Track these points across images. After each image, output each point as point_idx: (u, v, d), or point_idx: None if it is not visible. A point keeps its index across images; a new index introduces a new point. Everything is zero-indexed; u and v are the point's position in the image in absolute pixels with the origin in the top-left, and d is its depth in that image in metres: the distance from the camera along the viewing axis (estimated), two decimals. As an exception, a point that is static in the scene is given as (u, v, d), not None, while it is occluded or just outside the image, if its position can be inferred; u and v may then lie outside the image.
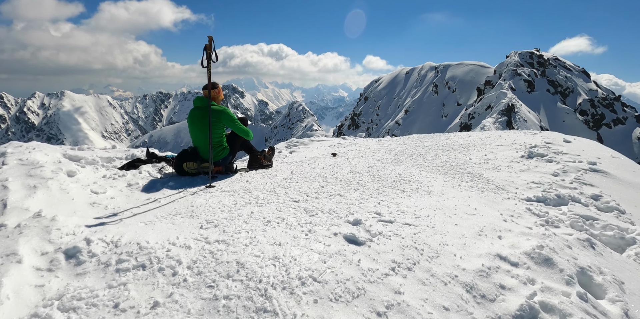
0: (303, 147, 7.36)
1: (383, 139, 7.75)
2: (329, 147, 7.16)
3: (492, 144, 6.05)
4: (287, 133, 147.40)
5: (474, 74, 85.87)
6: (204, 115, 4.05)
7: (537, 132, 6.76)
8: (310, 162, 5.51)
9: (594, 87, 79.81)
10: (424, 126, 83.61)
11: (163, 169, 4.21)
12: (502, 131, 7.33)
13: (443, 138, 7.14)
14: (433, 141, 7.00)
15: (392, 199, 3.38)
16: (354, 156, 5.98)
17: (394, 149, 6.49)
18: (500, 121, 51.19)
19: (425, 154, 5.84)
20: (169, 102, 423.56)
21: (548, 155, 5.17)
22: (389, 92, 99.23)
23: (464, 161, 5.18)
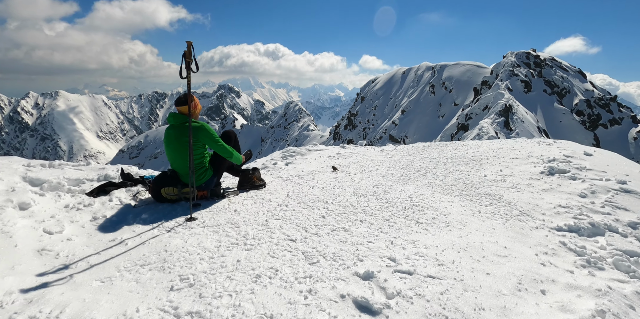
0: (300, 157, 6.83)
1: (386, 149, 7.23)
2: (328, 158, 6.64)
3: (506, 156, 5.55)
4: (283, 133, 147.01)
5: (470, 74, 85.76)
6: (182, 134, 3.50)
7: (552, 142, 6.28)
8: (309, 179, 4.99)
9: (590, 88, 79.91)
10: (421, 126, 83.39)
11: (138, 194, 3.65)
12: (514, 140, 6.84)
13: (451, 148, 6.63)
14: (440, 151, 6.49)
15: (407, 235, 2.86)
16: (356, 171, 5.46)
17: (399, 162, 5.98)
18: (497, 121, 50.92)
19: (434, 168, 5.33)
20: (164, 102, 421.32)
21: (570, 171, 4.68)
22: (386, 92, 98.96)
23: (479, 178, 4.68)
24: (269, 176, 5.53)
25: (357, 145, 7.95)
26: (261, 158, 7.66)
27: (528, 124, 53.24)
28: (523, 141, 6.78)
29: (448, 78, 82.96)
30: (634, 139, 73.15)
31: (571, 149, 5.54)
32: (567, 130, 66.76)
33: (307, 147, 7.52)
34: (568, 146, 5.90)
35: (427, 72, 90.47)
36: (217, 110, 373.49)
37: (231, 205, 3.59)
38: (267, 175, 5.63)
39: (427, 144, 7.41)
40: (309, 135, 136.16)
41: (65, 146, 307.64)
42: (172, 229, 2.93)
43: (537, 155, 5.44)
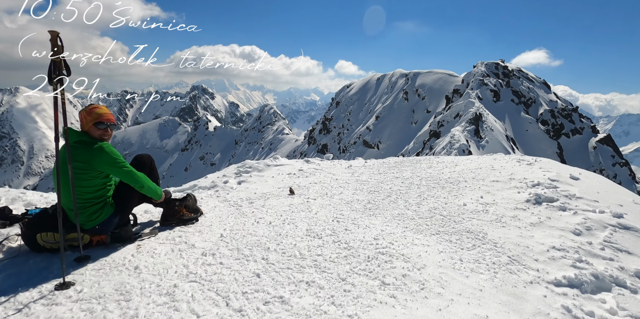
0: (256, 175, 5.96)
1: (353, 165, 6.48)
2: (288, 176, 5.81)
3: (486, 179, 4.93)
4: (257, 136, 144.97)
5: (442, 82, 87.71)
6: (73, 156, 2.58)
7: (532, 160, 5.75)
8: (258, 207, 4.13)
9: (554, 99, 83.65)
10: (395, 132, 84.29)
11: (7, 241, 2.66)
12: (492, 157, 6.28)
13: (425, 166, 5.97)
14: (413, 170, 5.82)
15: (367, 312, 2.06)
16: (317, 194, 4.65)
17: (367, 182, 5.23)
18: (468, 129, 51.77)
19: (406, 192, 4.61)
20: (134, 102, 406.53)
21: (559, 199, 4.09)
22: (360, 97, 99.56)
23: (458, 207, 3.99)
24: (214, 200, 4.63)
25: (323, 159, 7.16)
26: (213, 173, 6.72)
27: (497, 133, 54.63)
28: (502, 158, 6.22)
29: (421, 85, 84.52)
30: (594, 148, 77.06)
31: (555, 171, 4.99)
32: (533, 139, 69.28)
33: (267, 162, 6.66)
34: (550, 166, 5.36)
35: (401, 79, 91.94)
36: (189, 111, 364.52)
37: (136, 256, 2.65)
38: (212, 198, 4.73)
39: (399, 159, 6.74)
40: (284, 139, 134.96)
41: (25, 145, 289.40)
42: (26, 306, 1.99)
43: (520, 177, 4.85)
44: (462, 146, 41.47)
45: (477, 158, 6.27)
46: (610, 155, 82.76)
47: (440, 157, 6.66)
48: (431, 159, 6.40)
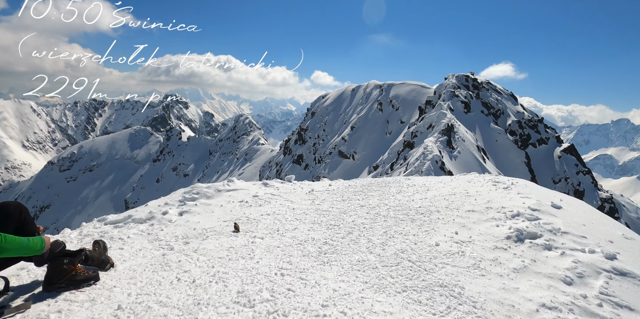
0: (203, 202, 5.17)
1: (316, 189, 5.80)
2: (240, 203, 5.06)
3: (461, 208, 4.38)
4: (232, 147, 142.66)
5: (415, 93, 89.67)
6: None
7: (509, 183, 5.27)
8: (188, 253, 3.35)
9: (521, 110, 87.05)
10: (370, 143, 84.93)
11: None
12: (467, 180, 5.76)
13: (394, 190, 5.38)
14: (381, 195, 5.21)
15: None
16: (266, 231, 3.93)
17: (328, 212, 4.56)
18: (441, 140, 52.58)
19: (370, 227, 3.97)
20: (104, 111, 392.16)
21: (543, 235, 3.56)
22: (336, 108, 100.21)
23: (429, 249, 3.37)
24: (143, 240, 3.81)
25: (284, 181, 6.45)
26: (155, 201, 5.85)
27: (468, 143, 55.78)
28: (477, 180, 5.73)
29: (395, 96, 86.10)
30: (559, 157, 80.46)
31: (535, 198, 4.50)
32: (502, 149, 71.44)
33: (219, 186, 5.87)
34: (529, 191, 4.89)
35: (376, 90, 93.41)
36: (162, 121, 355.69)
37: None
38: (142, 237, 3.91)
39: (367, 182, 6.12)
40: (259, 149, 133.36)
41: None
42: None
43: (497, 206, 4.32)
44: (435, 157, 42.06)
45: (451, 180, 5.75)
46: (574, 164, 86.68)
47: (412, 179, 6.11)
48: (401, 182, 5.83)
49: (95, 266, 2.95)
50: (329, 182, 6.40)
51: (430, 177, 6.41)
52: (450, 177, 6.08)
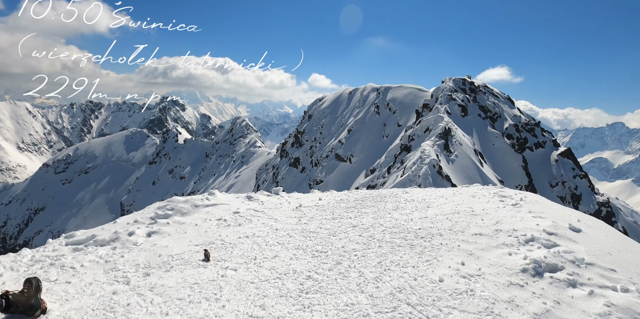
0: (176, 221, 4.60)
1: (304, 204, 5.24)
2: (217, 223, 4.50)
3: (466, 230, 3.85)
4: (229, 149, 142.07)
5: (412, 96, 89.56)
6: None
7: (518, 199, 4.75)
8: (143, 291, 2.77)
9: (518, 113, 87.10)
10: (367, 146, 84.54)
11: None
12: (471, 194, 5.23)
13: (390, 207, 4.84)
14: (376, 212, 4.67)
15: None
16: (241, 260, 3.37)
17: (316, 235, 4.01)
18: (438, 144, 51.98)
19: (363, 255, 3.42)
20: (100, 113, 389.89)
21: (565, 268, 3.03)
22: (333, 111, 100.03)
23: (432, 287, 2.83)
24: (97, 269, 3.25)
25: (270, 194, 5.88)
26: (125, 217, 5.27)
27: (466, 147, 55.48)
28: (481, 194, 5.20)
29: (392, 100, 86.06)
30: (555, 161, 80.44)
31: (550, 218, 3.97)
32: (499, 152, 71.25)
33: (197, 201, 5.30)
34: (541, 209, 4.37)
35: (373, 93, 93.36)
36: (159, 123, 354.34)
37: None
38: (97, 266, 3.35)
39: (360, 195, 5.58)
40: (256, 152, 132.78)
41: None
42: None
43: (508, 228, 3.79)
44: (433, 161, 41.63)
45: (453, 194, 5.22)
46: (570, 167, 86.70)
47: (410, 192, 5.57)
48: (398, 197, 5.28)
49: (22, 314, 2.39)
50: (319, 195, 5.85)
51: (429, 189, 5.87)
52: (452, 190, 5.55)
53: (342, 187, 59.46)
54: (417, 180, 30.91)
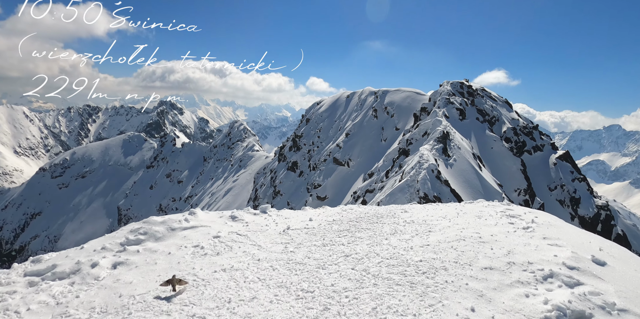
0: (149, 248, 4.11)
1: (293, 226, 4.76)
2: (193, 250, 4.01)
3: (474, 263, 3.38)
4: (227, 153, 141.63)
5: (410, 100, 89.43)
6: None
7: (529, 221, 4.28)
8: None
9: (516, 117, 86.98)
10: (365, 150, 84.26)
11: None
12: (477, 215, 4.76)
13: (387, 231, 4.36)
14: (372, 238, 4.19)
15: None
16: (211, 304, 2.87)
17: (303, 267, 3.52)
18: (436, 148, 51.55)
19: (355, 297, 2.94)
20: (97, 117, 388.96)
21: (594, 316, 2.57)
22: (330, 114, 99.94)
23: (437, 345, 2.35)
24: (43, 315, 2.76)
25: (257, 212, 5.38)
26: (94, 241, 4.78)
27: (464, 151, 55.23)
28: (487, 213, 4.73)
29: (390, 103, 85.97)
30: (554, 165, 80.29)
31: (568, 247, 3.50)
32: (498, 156, 70.97)
33: (176, 221, 4.80)
34: (557, 233, 3.90)
35: (370, 96, 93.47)
36: (157, 127, 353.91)
37: None
38: (47, 309, 2.86)
39: (355, 215, 5.10)
40: (254, 155, 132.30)
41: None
42: None
43: (522, 261, 3.32)
44: (431, 166, 41.24)
45: (457, 215, 4.74)
46: (569, 171, 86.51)
47: (409, 211, 5.09)
48: (396, 217, 4.80)
49: None
50: (310, 214, 5.36)
51: (430, 207, 5.39)
52: (456, 209, 5.06)
53: (340, 192, 59.16)
54: (416, 185, 30.46)
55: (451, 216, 4.70)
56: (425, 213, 4.90)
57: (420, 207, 5.41)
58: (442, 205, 5.50)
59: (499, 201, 5.46)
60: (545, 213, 4.70)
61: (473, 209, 5.03)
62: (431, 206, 5.50)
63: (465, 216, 4.67)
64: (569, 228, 4.24)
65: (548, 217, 4.45)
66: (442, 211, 5.03)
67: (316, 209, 5.67)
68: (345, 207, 5.58)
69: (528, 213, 4.56)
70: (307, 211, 5.57)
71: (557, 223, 4.26)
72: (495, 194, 32.29)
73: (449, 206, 5.34)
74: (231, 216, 5.11)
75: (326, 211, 5.53)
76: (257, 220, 5.01)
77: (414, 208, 5.34)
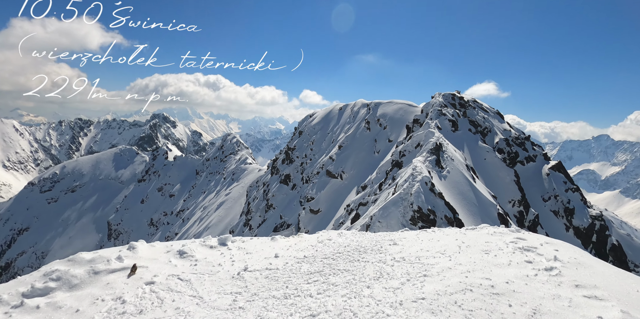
0: (54, 302, 3.11)
1: (250, 267, 3.78)
2: (110, 306, 3.02)
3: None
4: (219, 166, 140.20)
5: (402, 112, 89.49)
6: None
7: (550, 256, 3.36)
8: None
9: (508, 128, 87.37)
10: (358, 162, 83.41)
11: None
12: (485, 249, 3.83)
13: (371, 273, 3.40)
14: (350, 285, 3.23)
15: None
16: None
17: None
18: (429, 159, 50.88)
19: None
20: (89, 130, 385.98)
21: None
22: (323, 127, 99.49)
23: None
24: None
25: (214, 246, 4.38)
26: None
27: (457, 162, 54.75)
28: (495, 245, 3.80)
29: (382, 115, 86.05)
30: (547, 175, 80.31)
31: (616, 304, 2.57)
32: (491, 167, 70.78)
33: (103, 262, 3.79)
34: (590, 275, 2.97)
35: (363, 108, 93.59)
36: (149, 140, 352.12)
37: None
38: None
39: (332, 250, 4.14)
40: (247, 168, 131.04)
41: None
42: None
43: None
44: (425, 178, 40.56)
45: (459, 250, 3.81)
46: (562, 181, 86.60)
47: (400, 243, 4.14)
48: (383, 251, 3.86)
49: None
50: (278, 247, 4.37)
51: (424, 235, 4.44)
52: (456, 240, 4.12)
53: (334, 205, 58.04)
54: (409, 198, 29.61)
55: (451, 251, 3.76)
56: (419, 246, 3.94)
57: (413, 236, 4.45)
58: (439, 232, 4.55)
59: (505, 227, 4.53)
60: (565, 244, 3.78)
61: (477, 239, 4.08)
62: (426, 234, 4.54)
63: (469, 250, 3.73)
64: (603, 268, 3.32)
65: (572, 252, 3.53)
66: (440, 243, 4.08)
67: (289, 238, 4.68)
68: (324, 236, 4.59)
69: (545, 245, 3.63)
70: (277, 241, 4.58)
71: (586, 261, 3.34)
72: (490, 206, 31.48)
73: (448, 235, 4.39)
74: (179, 251, 4.11)
75: (299, 243, 4.54)
76: (210, 256, 4.02)
77: (405, 239, 4.37)
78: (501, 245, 3.78)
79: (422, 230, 4.38)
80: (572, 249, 3.64)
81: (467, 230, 4.69)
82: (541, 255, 3.40)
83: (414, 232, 4.73)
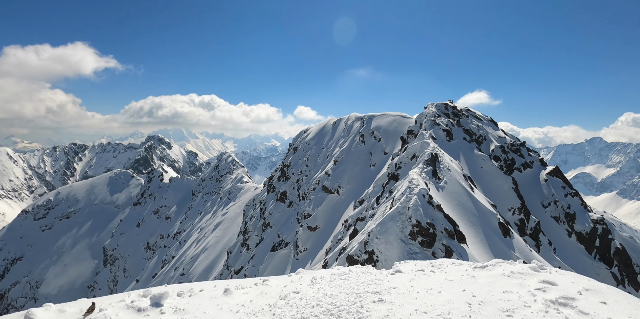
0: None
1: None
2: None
3: None
4: (216, 186, 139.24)
5: (396, 124, 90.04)
6: None
7: (576, 295, 2.89)
8: None
9: (502, 135, 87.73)
10: (354, 176, 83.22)
11: None
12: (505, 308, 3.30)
13: None
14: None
15: None
16: None
17: None
18: (426, 171, 50.60)
19: None
20: (84, 155, 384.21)
21: None
22: (318, 142, 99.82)
23: None
24: None
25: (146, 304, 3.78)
26: None
27: (454, 172, 54.55)
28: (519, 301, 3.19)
29: (376, 128, 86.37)
30: (545, 181, 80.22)
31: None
32: (488, 175, 70.62)
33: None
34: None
35: (357, 122, 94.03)
36: (145, 162, 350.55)
37: None
38: None
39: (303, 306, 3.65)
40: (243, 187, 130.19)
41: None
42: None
43: None
44: (422, 191, 40.09)
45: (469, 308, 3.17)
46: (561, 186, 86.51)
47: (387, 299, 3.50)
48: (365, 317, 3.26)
49: None
50: (227, 309, 3.78)
51: (420, 284, 3.83)
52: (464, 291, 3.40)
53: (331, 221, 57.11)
54: (407, 212, 29.06)
55: (459, 314, 3.00)
56: (414, 306, 3.22)
57: (406, 287, 3.76)
58: (439, 274, 3.88)
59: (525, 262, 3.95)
60: (612, 290, 3.15)
61: (492, 288, 3.36)
62: (423, 281, 3.85)
63: (484, 311, 2.98)
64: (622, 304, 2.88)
65: (628, 306, 2.86)
66: (443, 297, 3.35)
67: (248, 290, 4.07)
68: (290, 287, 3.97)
69: (586, 293, 2.95)
70: (231, 296, 3.96)
71: (619, 301, 2.82)
72: (490, 215, 30.95)
73: (452, 281, 3.64)
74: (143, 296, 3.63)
75: (257, 298, 3.90)
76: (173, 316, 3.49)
77: (395, 290, 3.67)
78: (526, 297, 3.11)
79: (418, 270, 3.72)
80: (625, 300, 2.88)
81: (475, 269, 4.00)
82: (586, 315, 2.68)
83: (407, 276, 4.01)
